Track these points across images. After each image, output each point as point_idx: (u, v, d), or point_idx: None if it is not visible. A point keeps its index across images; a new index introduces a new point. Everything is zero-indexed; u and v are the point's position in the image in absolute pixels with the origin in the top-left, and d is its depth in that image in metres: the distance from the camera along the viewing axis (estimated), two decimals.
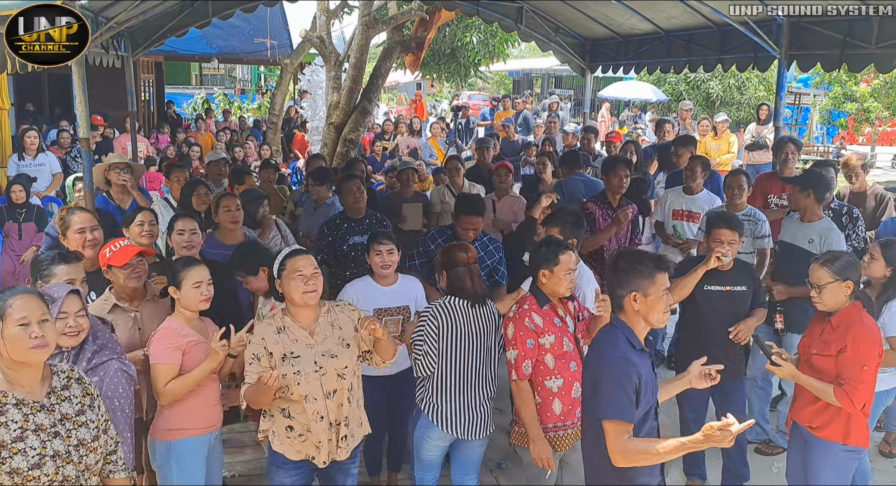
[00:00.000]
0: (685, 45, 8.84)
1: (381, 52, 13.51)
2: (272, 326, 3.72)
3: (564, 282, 4.07)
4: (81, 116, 5.81)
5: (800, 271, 5.36)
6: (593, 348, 3.34)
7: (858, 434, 4.06)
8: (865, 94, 22.62)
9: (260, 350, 3.66)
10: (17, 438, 2.60)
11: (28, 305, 2.68)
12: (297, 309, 3.75)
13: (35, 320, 2.67)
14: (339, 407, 3.75)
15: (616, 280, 3.22)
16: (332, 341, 3.76)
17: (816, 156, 22.39)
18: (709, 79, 22.03)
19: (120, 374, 3.44)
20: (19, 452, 2.60)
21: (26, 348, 2.64)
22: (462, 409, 4.18)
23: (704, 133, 12.20)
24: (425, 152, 13.35)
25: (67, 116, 15.36)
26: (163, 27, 8.98)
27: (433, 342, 4.13)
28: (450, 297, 4.23)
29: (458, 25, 17.21)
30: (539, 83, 38.49)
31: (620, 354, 3.13)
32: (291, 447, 3.74)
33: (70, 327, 3.26)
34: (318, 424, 3.69)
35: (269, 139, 15.27)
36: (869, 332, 3.94)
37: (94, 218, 4.67)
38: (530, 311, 4.10)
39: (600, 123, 22.49)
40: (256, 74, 34.08)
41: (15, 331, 2.64)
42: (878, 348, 3.95)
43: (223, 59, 21.79)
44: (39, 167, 9.47)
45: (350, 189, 6.03)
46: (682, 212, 6.85)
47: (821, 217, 5.60)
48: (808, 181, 5.62)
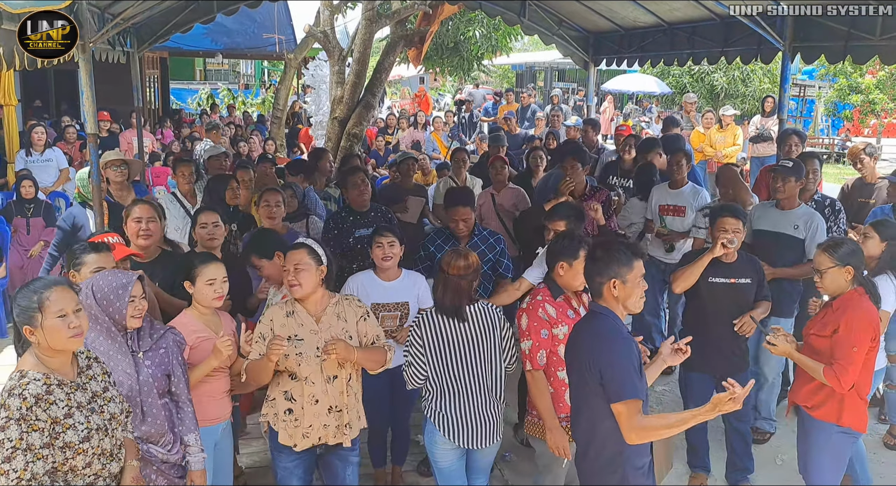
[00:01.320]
0: (689, 38, 8.84)
1: (385, 46, 13.52)
2: (283, 309, 3.92)
3: (581, 276, 4.04)
4: (88, 112, 5.85)
5: (784, 256, 5.47)
6: (589, 334, 3.34)
7: (853, 417, 4.14)
8: (871, 85, 22.60)
9: (267, 331, 3.85)
10: (66, 414, 2.86)
11: (64, 296, 2.90)
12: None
13: (71, 310, 2.89)
14: (340, 394, 3.87)
15: (595, 268, 3.31)
16: (335, 331, 3.88)
17: (822, 148, 22.38)
18: (713, 71, 21.96)
19: (175, 343, 3.66)
20: (70, 427, 2.85)
21: (66, 337, 2.87)
22: (466, 418, 4.07)
23: (709, 125, 12.23)
24: (428, 146, 13.38)
25: (73, 112, 15.42)
26: (168, 23, 9.01)
27: (418, 353, 4.09)
28: (433, 308, 4.19)
29: (461, 19, 17.21)
30: (542, 76, 38.39)
31: (623, 336, 3.25)
32: (285, 430, 3.87)
33: (137, 309, 3.44)
34: (312, 407, 3.81)
35: (273, 134, 15.31)
36: (865, 315, 4.04)
37: (152, 209, 4.82)
38: (543, 302, 4.13)
39: (603, 114, 22.51)
40: (260, 70, 34.08)
41: (55, 322, 2.85)
42: (871, 333, 4.03)
43: (227, 55, 21.79)
44: (47, 163, 9.53)
45: (354, 182, 6.01)
46: (668, 207, 6.89)
47: (799, 204, 5.67)
48: (801, 171, 5.65)
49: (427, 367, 4.09)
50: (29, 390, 2.78)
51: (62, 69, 13.44)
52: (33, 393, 2.78)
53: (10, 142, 10.22)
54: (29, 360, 2.90)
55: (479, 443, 4.10)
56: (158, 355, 3.54)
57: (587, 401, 3.29)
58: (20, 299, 2.88)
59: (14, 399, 2.75)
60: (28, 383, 2.80)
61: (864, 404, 4.21)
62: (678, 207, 6.81)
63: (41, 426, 2.76)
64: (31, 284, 2.95)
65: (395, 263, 4.75)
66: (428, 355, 4.08)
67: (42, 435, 2.76)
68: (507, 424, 5.49)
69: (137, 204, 4.85)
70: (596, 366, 3.18)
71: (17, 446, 2.70)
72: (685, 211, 6.75)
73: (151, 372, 3.47)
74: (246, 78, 35.89)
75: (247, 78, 35.83)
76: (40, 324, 2.84)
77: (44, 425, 2.77)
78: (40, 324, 2.84)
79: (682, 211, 6.78)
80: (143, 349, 3.50)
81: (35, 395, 2.78)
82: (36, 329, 2.85)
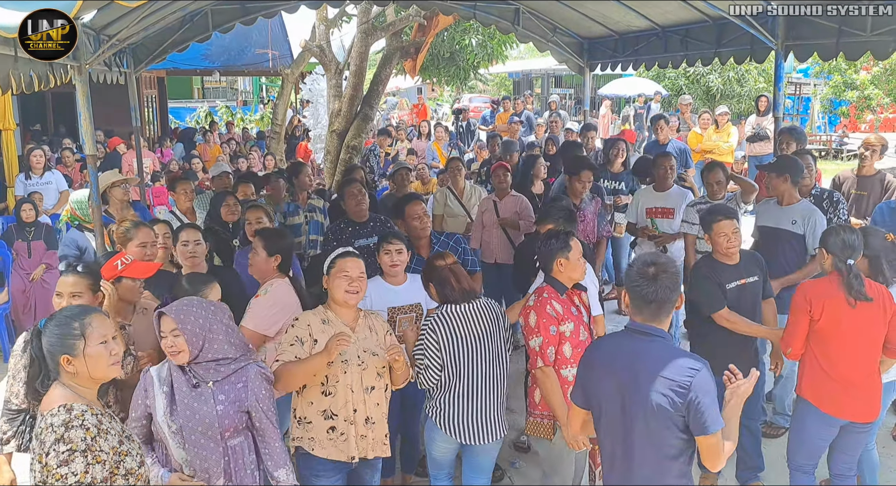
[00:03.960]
0: (682, 40, 8.86)
1: (381, 58, 13.57)
2: (317, 316, 3.86)
3: (579, 266, 4.25)
4: (87, 134, 5.87)
5: (785, 251, 5.55)
6: (649, 359, 3.06)
7: (812, 389, 4.38)
8: (865, 81, 22.66)
9: (304, 334, 3.77)
10: (119, 442, 2.78)
11: (105, 323, 2.84)
12: (337, 306, 3.89)
13: (110, 337, 2.83)
14: (377, 405, 3.86)
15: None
16: (371, 341, 3.89)
17: (819, 145, 22.41)
18: (708, 72, 22.01)
19: (260, 377, 3.39)
20: (127, 454, 2.79)
21: (107, 365, 2.81)
22: (470, 415, 4.14)
23: (706, 126, 12.29)
24: (428, 155, 13.41)
25: (72, 135, 15.49)
26: (164, 42, 9.05)
27: (434, 356, 4.11)
28: (445, 306, 4.23)
29: (457, 29, 17.25)
30: (539, 83, 38.51)
31: (694, 360, 3.04)
32: (335, 447, 3.80)
33: (169, 346, 3.26)
34: (353, 415, 3.78)
35: (272, 149, 15.36)
36: (800, 291, 4.39)
37: (198, 232, 5.04)
38: (550, 299, 4.18)
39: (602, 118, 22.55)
40: (258, 86, 34.22)
41: (98, 349, 2.78)
42: (805, 306, 4.30)
43: (224, 72, 21.89)
44: (47, 185, 9.56)
45: (351, 192, 6.10)
46: (657, 209, 6.97)
47: (799, 199, 5.73)
48: (783, 167, 5.77)
49: (442, 368, 4.13)
50: (88, 421, 2.67)
51: (60, 92, 13.50)
52: (93, 423, 2.68)
53: (9, 166, 10.29)
54: (62, 393, 2.75)
55: (483, 439, 4.14)
56: (235, 387, 3.31)
57: (655, 438, 3.04)
58: (56, 328, 2.77)
59: (76, 431, 2.63)
60: (83, 414, 2.68)
61: (829, 381, 4.29)
62: (666, 209, 6.92)
63: (104, 458, 2.67)
64: (64, 311, 2.87)
65: (403, 269, 4.79)
66: (444, 356, 4.11)
67: (104, 467, 2.67)
68: (514, 430, 5.52)
69: (184, 229, 5.07)
70: (679, 396, 2.94)
71: (81, 480, 2.60)
72: (674, 213, 6.86)
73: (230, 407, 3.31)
74: (244, 95, 36.04)
75: (245, 94, 35.98)
76: (82, 352, 2.74)
77: (106, 456, 2.68)
78: (82, 352, 2.74)
79: (671, 213, 6.89)
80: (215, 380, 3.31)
81: (96, 425, 2.69)
82: (76, 357, 2.74)
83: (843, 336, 4.25)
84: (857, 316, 4.21)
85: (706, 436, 2.94)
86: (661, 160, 7.04)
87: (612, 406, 3.12)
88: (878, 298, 4.24)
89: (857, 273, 4.24)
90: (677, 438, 3.00)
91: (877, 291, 4.27)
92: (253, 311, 4.42)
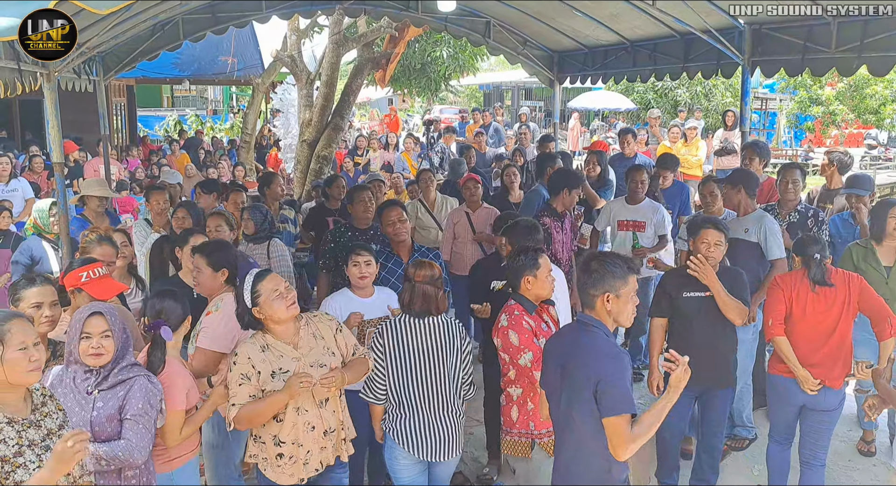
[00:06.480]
0: (650, 54, 8.99)
1: (352, 69, 13.60)
2: (256, 344, 3.71)
3: (547, 283, 4.23)
4: (54, 141, 5.82)
5: (747, 260, 5.66)
6: (583, 346, 3.28)
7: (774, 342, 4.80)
8: (831, 97, 23.04)
9: (249, 370, 3.64)
10: (16, 453, 2.71)
11: (25, 329, 2.80)
12: (276, 326, 3.73)
13: (31, 343, 2.78)
14: (333, 413, 3.82)
15: (589, 280, 3.31)
16: (317, 352, 3.79)
17: (785, 159, 22.72)
18: (676, 87, 22.30)
19: (143, 390, 3.39)
20: (20, 466, 2.70)
21: (25, 371, 2.76)
22: (425, 430, 4.09)
23: (675, 140, 12.43)
24: (398, 166, 13.42)
25: (39, 142, 15.30)
26: (134, 51, 9.01)
27: (378, 365, 4.08)
28: (401, 316, 4.20)
29: (428, 41, 17.36)
30: (510, 95, 38.74)
31: (618, 349, 3.28)
32: (284, 472, 3.74)
33: (93, 347, 3.31)
34: (308, 434, 3.73)
35: (242, 159, 15.29)
36: (781, 280, 4.80)
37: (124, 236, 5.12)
38: (522, 316, 4.17)
39: (571, 131, 22.75)
40: (228, 95, 34.02)
41: (16, 355, 2.74)
42: (780, 292, 4.73)
43: (194, 81, 21.76)
44: (12, 193, 9.41)
45: (362, 198, 6.19)
46: (628, 222, 6.98)
47: (755, 209, 5.86)
48: (737, 179, 5.92)
49: (387, 380, 4.09)
50: None
51: (27, 99, 13.33)
52: None
53: None
54: None
55: (439, 456, 4.11)
56: (116, 395, 3.35)
57: (575, 416, 3.24)
58: None
59: None
60: None
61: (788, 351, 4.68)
62: (637, 222, 6.92)
63: None
64: None
65: (371, 281, 4.77)
66: (390, 368, 4.08)
67: None
68: (484, 449, 5.54)
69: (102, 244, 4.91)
70: (592, 379, 3.14)
71: None
72: (645, 226, 6.87)
73: (104, 412, 3.33)
74: (214, 104, 35.79)
75: (215, 104, 35.73)
76: (1, 358, 2.72)
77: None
78: (1, 358, 2.72)
79: (642, 226, 6.89)
80: (101, 388, 3.34)
81: None
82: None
83: (807, 320, 4.65)
84: (819, 301, 4.61)
85: (607, 418, 3.11)
86: (634, 174, 7.08)
87: (555, 392, 3.39)
88: (843, 284, 4.60)
89: (819, 262, 4.56)
90: (597, 420, 3.17)
91: (843, 278, 4.63)
92: (207, 329, 4.27)
